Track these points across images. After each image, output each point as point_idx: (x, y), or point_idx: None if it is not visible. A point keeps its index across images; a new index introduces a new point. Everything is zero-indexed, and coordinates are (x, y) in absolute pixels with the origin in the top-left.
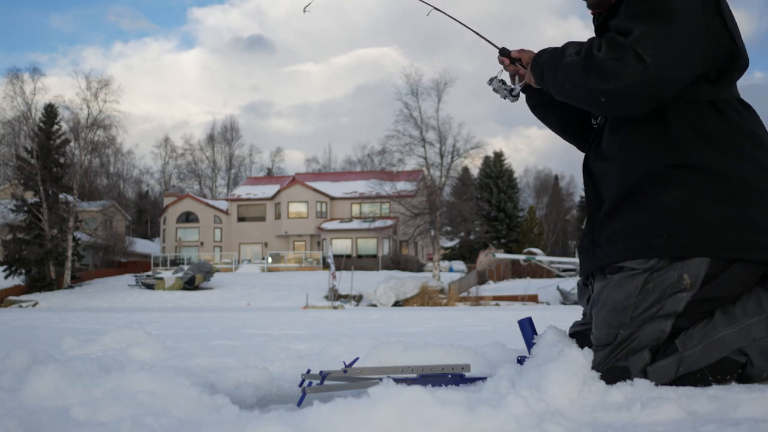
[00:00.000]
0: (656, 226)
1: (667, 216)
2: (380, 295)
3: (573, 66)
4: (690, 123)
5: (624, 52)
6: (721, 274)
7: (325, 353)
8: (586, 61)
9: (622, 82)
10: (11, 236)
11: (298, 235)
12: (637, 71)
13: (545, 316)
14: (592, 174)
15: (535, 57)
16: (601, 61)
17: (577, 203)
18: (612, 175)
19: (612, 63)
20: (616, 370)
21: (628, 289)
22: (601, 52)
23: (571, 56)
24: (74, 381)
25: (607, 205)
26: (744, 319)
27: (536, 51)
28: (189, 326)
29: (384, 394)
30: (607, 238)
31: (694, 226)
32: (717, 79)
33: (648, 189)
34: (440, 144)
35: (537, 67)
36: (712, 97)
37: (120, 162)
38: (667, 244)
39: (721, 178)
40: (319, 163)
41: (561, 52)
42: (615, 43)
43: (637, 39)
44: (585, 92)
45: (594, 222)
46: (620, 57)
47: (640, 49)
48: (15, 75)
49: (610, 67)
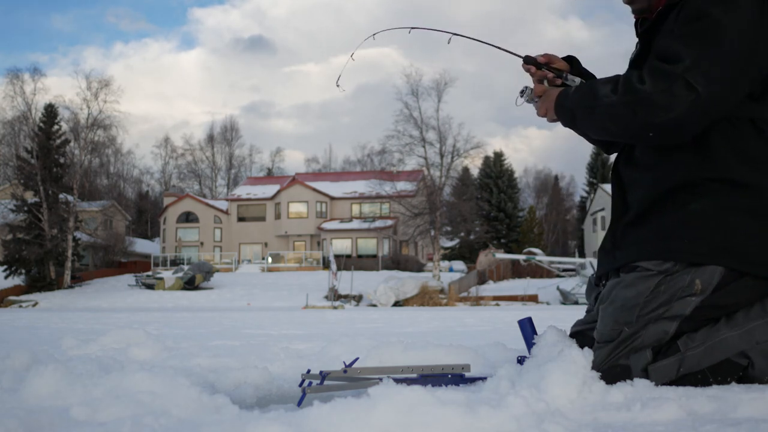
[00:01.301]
0: (679, 231)
1: (691, 223)
2: (380, 295)
3: (616, 106)
4: (728, 139)
5: (672, 82)
6: (732, 283)
7: (325, 353)
8: (629, 97)
9: (673, 114)
10: (11, 236)
11: (298, 235)
12: (688, 101)
13: (545, 316)
14: (621, 179)
15: (559, 100)
16: (648, 94)
17: (577, 203)
18: (642, 183)
19: (661, 95)
20: (618, 368)
21: (640, 288)
22: (646, 85)
23: (608, 96)
24: (74, 381)
25: (633, 212)
26: (747, 322)
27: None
28: (189, 326)
29: (384, 394)
30: (629, 241)
31: (716, 236)
32: (761, 96)
33: (677, 198)
34: (440, 144)
35: (564, 111)
36: (753, 116)
37: (120, 162)
38: (687, 249)
39: (751, 193)
40: (319, 163)
41: (592, 92)
42: (662, 73)
43: (688, 68)
44: (633, 129)
45: (617, 227)
46: (668, 88)
47: (691, 78)
48: (15, 75)
49: (659, 100)
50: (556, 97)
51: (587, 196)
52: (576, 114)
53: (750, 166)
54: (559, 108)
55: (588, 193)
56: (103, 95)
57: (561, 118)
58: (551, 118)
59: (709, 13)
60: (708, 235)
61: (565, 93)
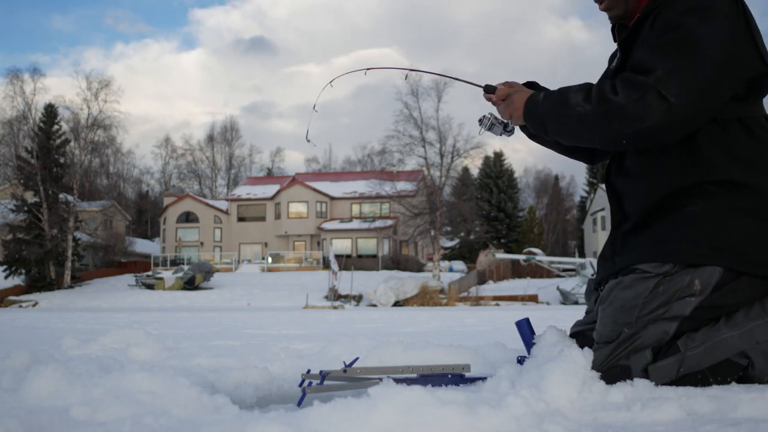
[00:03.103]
0: (676, 233)
1: (688, 225)
2: (380, 295)
3: (589, 115)
4: (718, 141)
5: (644, 92)
6: (731, 283)
7: (325, 353)
8: (602, 107)
9: (647, 123)
10: (11, 236)
11: (298, 235)
12: (661, 111)
13: (545, 316)
14: (615, 190)
15: (528, 107)
16: (620, 105)
17: (577, 203)
18: (637, 192)
19: (633, 106)
20: (617, 368)
21: (638, 289)
22: (619, 96)
23: (581, 105)
24: (74, 381)
25: (631, 222)
26: (747, 322)
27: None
28: (189, 326)
29: (384, 394)
30: (628, 248)
31: (713, 237)
32: (745, 97)
33: (673, 203)
34: (440, 144)
35: (534, 118)
36: (740, 115)
37: (120, 162)
38: (685, 250)
39: (745, 192)
40: (319, 163)
41: (562, 100)
42: (634, 83)
43: (659, 78)
44: (608, 138)
45: (617, 235)
46: (641, 98)
47: (663, 89)
48: (15, 75)
49: (632, 110)
50: (523, 104)
51: (587, 196)
52: (546, 121)
53: (742, 166)
54: (527, 115)
55: (588, 193)
56: (104, 95)
57: (529, 124)
58: (516, 123)
59: (684, 23)
60: (705, 236)
61: (533, 100)
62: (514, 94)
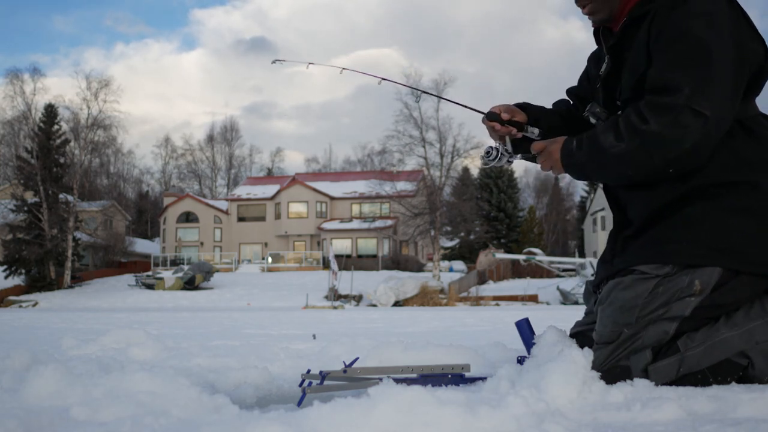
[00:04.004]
0: (676, 234)
1: (687, 226)
2: (380, 295)
3: (626, 153)
4: (720, 144)
5: (677, 113)
6: (730, 282)
7: (325, 353)
8: (637, 140)
9: (688, 144)
10: (11, 236)
11: (298, 235)
12: (698, 128)
13: (545, 316)
14: (616, 198)
15: (565, 161)
16: (656, 132)
17: (577, 203)
18: (640, 199)
19: (670, 130)
20: (618, 369)
21: (638, 290)
22: (651, 124)
23: (615, 145)
24: (74, 381)
25: (634, 227)
26: (747, 322)
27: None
28: (189, 326)
29: (384, 394)
30: (628, 250)
31: (713, 237)
32: (743, 97)
33: (675, 205)
34: (440, 144)
35: (574, 170)
36: (739, 116)
37: (120, 162)
38: (684, 252)
39: (745, 192)
40: (319, 163)
41: (596, 146)
42: (663, 107)
43: (689, 96)
44: (651, 169)
45: (617, 239)
46: (675, 120)
47: (696, 105)
48: (15, 75)
49: (669, 135)
50: (559, 157)
51: (587, 196)
52: (586, 170)
53: (744, 166)
54: (568, 168)
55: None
56: (103, 95)
57: (572, 175)
58: (557, 173)
59: (692, 32)
60: (704, 237)
61: (569, 151)
62: (551, 146)
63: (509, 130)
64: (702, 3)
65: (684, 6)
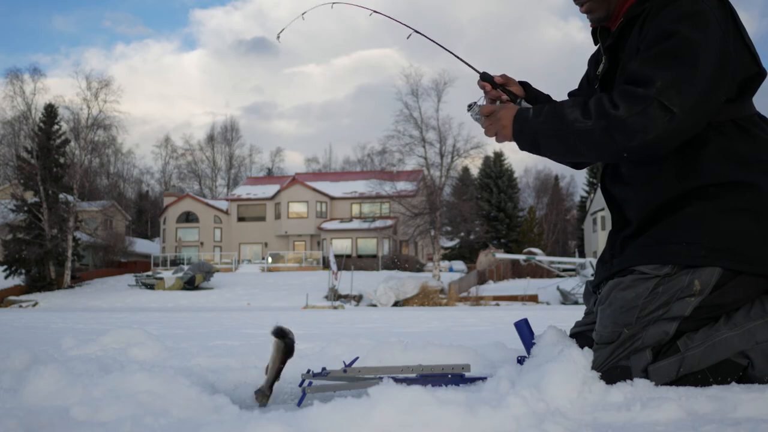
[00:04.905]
0: (675, 235)
1: (687, 226)
2: (380, 295)
3: (590, 131)
4: (715, 144)
5: (647, 105)
6: (730, 282)
7: (325, 353)
8: (603, 122)
9: (650, 135)
10: (11, 236)
11: (298, 235)
12: (664, 122)
13: (545, 316)
14: (612, 197)
15: (517, 125)
16: (623, 119)
17: (577, 203)
18: (637, 199)
19: (636, 119)
20: (618, 369)
21: (638, 290)
22: (620, 110)
23: (580, 121)
24: (74, 381)
25: (632, 227)
26: (747, 322)
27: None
28: (189, 326)
29: (384, 394)
30: (628, 250)
31: (713, 238)
32: (737, 97)
33: (672, 206)
34: (440, 144)
35: (524, 136)
36: (734, 116)
37: (120, 162)
38: (684, 252)
39: (743, 191)
40: (319, 163)
41: (559, 117)
42: (634, 96)
43: (660, 90)
44: (609, 153)
45: (616, 239)
46: (643, 110)
47: (665, 100)
48: (15, 75)
49: (634, 123)
50: (511, 121)
51: (587, 196)
52: (538, 139)
53: (741, 165)
54: (518, 134)
55: (588, 193)
56: (103, 95)
57: (519, 142)
58: (501, 140)
59: (678, 32)
60: (704, 237)
61: (523, 117)
62: (500, 111)
63: (499, 95)
64: (691, 3)
65: (673, 4)
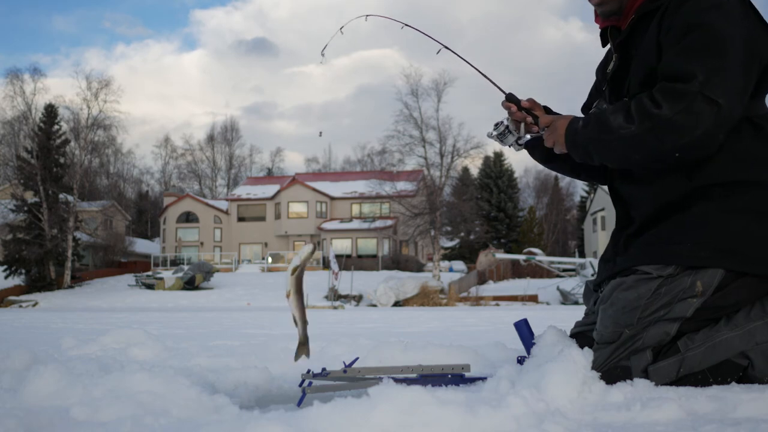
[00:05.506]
0: (679, 235)
1: (692, 226)
2: (380, 295)
3: (636, 135)
4: (729, 141)
5: (691, 100)
6: (732, 283)
7: (325, 353)
8: (648, 123)
9: (700, 131)
10: (11, 236)
11: (298, 235)
12: (712, 115)
13: (545, 316)
14: (620, 195)
15: (569, 137)
16: (669, 118)
17: (577, 203)
18: (644, 198)
19: (682, 116)
20: (618, 369)
21: (640, 290)
22: (664, 109)
23: (624, 127)
24: (74, 381)
25: (636, 225)
26: (747, 323)
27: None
28: (189, 326)
29: (384, 394)
30: (631, 249)
31: (717, 239)
32: (754, 94)
33: (679, 205)
34: (440, 144)
35: (578, 148)
36: (749, 114)
37: (120, 162)
38: (687, 253)
39: (753, 191)
40: (319, 163)
41: (604, 125)
42: (677, 93)
43: (703, 83)
44: (659, 154)
45: (620, 237)
46: (688, 106)
47: (709, 92)
48: (15, 75)
49: (682, 120)
50: (564, 133)
51: (587, 196)
52: (590, 149)
53: (752, 165)
54: (570, 144)
55: (588, 193)
56: (103, 95)
57: (573, 152)
58: (559, 150)
59: (705, 23)
60: (708, 238)
61: (574, 129)
62: (558, 121)
63: (524, 117)
64: None
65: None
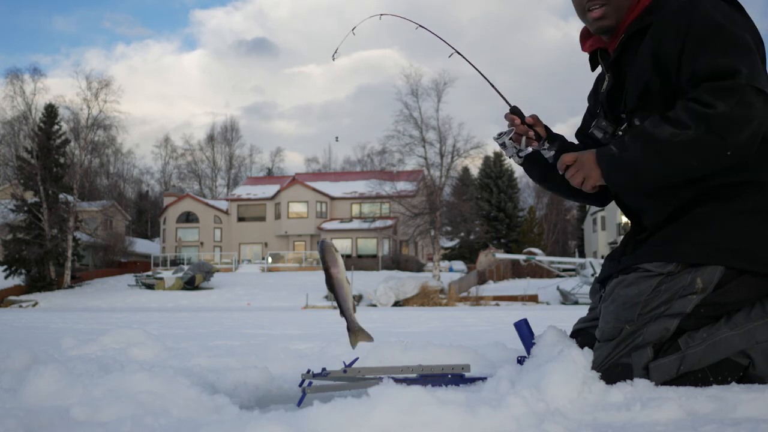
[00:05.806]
0: (683, 234)
1: (696, 226)
2: (380, 295)
3: (696, 141)
4: None
5: (742, 94)
6: (732, 281)
7: (325, 353)
8: (706, 125)
9: (755, 122)
10: (11, 236)
11: (298, 235)
12: (762, 105)
13: (545, 316)
14: (629, 207)
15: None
16: (726, 114)
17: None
18: (654, 206)
19: (737, 110)
20: (619, 366)
21: (641, 287)
22: (719, 107)
23: (681, 134)
24: (74, 381)
25: (648, 232)
26: (748, 322)
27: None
28: (189, 326)
29: (384, 394)
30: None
31: (719, 237)
32: None
33: (685, 207)
34: (440, 144)
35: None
36: None
37: (120, 162)
38: (689, 251)
39: (755, 190)
40: (319, 163)
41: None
42: (725, 89)
43: (749, 76)
44: (723, 153)
45: (630, 241)
46: (740, 100)
47: (756, 83)
48: (15, 75)
49: (738, 115)
50: (596, 165)
51: None
52: (640, 169)
53: (753, 166)
54: (613, 172)
55: None
56: (104, 95)
57: (616, 182)
58: (591, 186)
59: (721, 24)
60: (710, 236)
61: (610, 156)
62: (583, 156)
63: (526, 130)
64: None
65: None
